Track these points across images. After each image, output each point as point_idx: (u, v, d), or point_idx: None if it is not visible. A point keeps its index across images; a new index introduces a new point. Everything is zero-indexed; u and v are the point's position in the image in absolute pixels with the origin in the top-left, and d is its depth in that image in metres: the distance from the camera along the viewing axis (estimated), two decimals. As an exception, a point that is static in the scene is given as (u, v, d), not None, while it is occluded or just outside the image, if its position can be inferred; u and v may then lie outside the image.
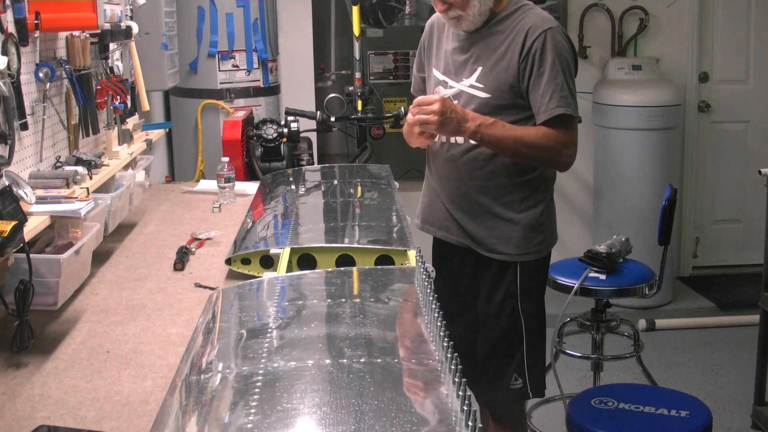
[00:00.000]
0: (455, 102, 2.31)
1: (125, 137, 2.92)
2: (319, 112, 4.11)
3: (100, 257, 2.50)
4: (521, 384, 2.44)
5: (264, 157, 3.88)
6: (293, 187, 3.29)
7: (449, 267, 2.52)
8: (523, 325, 2.43)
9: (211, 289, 2.24)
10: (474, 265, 2.47)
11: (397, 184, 3.22)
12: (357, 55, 4.48)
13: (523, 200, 2.38)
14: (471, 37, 2.36)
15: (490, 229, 2.40)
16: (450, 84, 2.39)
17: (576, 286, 3.19)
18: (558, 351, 3.46)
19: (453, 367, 1.33)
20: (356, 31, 4.42)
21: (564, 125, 2.27)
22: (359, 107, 4.31)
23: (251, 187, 3.38)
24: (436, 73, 2.45)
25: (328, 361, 1.48)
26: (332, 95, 4.27)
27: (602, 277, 3.22)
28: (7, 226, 1.72)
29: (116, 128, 2.84)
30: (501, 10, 2.34)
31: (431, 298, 1.63)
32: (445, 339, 1.43)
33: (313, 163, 4.19)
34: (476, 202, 2.40)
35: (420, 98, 2.26)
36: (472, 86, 2.34)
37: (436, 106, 2.19)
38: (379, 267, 2.23)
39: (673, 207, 3.22)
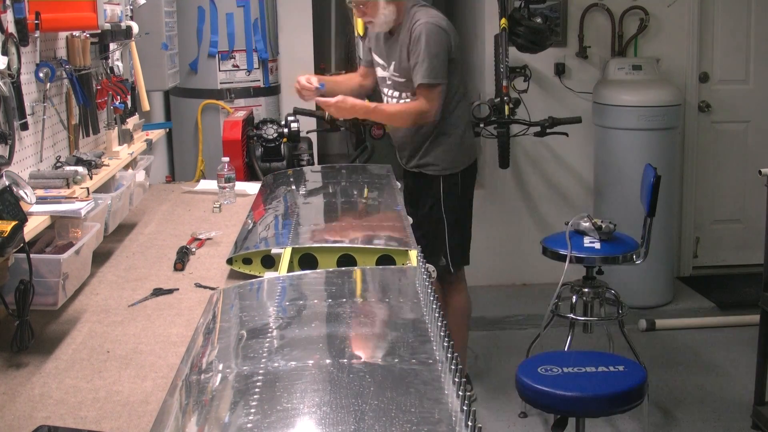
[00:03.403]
0: (389, 83, 3.46)
1: (125, 137, 2.92)
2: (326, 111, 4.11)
3: (100, 257, 2.50)
4: (445, 263, 3.51)
5: (264, 157, 3.88)
6: (294, 187, 3.29)
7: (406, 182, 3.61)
8: (445, 221, 3.49)
9: (212, 289, 2.24)
10: (416, 178, 3.58)
11: (398, 183, 3.22)
12: (361, 54, 4.47)
13: (442, 137, 3.46)
14: (387, 40, 3.42)
15: (425, 156, 3.51)
16: (380, 72, 3.53)
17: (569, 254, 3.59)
18: (553, 314, 3.75)
19: (453, 367, 1.33)
20: (360, 30, 4.42)
21: (426, 93, 3.29)
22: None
23: (251, 187, 3.38)
24: (376, 58, 3.53)
25: (328, 361, 1.48)
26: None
27: (597, 246, 3.61)
28: (7, 226, 1.72)
29: (116, 128, 2.84)
30: (403, 19, 3.33)
31: (431, 298, 1.63)
32: (446, 339, 1.43)
33: (313, 163, 4.19)
34: (412, 144, 3.53)
35: (319, 100, 3.38)
36: (393, 75, 3.43)
37: (331, 109, 3.33)
38: (380, 267, 2.23)
39: (659, 182, 3.61)
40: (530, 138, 4.78)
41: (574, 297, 3.69)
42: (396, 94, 3.45)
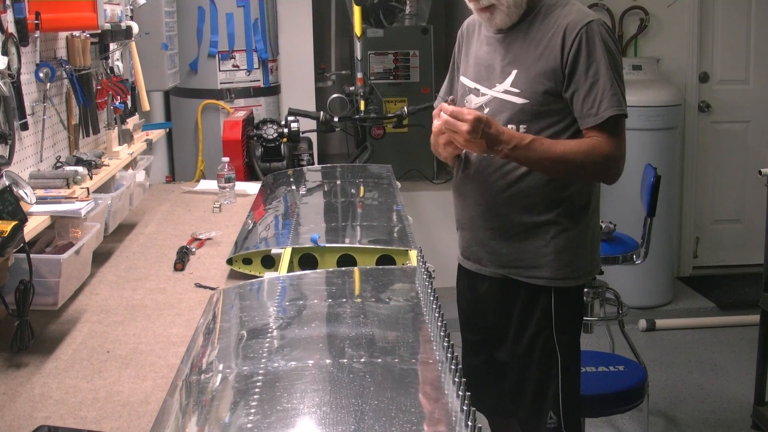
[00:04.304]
0: (486, 111, 2.15)
1: (125, 137, 2.92)
2: (321, 112, 4.12)
3: (100, 257, 2.50)
4: (556, 422, 2.26)
5: (264, 157, 3.88)
6: (294, 187, 3.29)
7: (475, 294, 2.37)
8: (559, 359, 2.25)
9: (212, 289, 2.24)
10: (502, 291, 2.29)
11: (398, 183, 3.22)
12: (359, 55, 4.48)
13: (559, 219, 2.18)
14: (505, 39, 2.17)
15: (522, 250, 2.21)
16: (482, 91, 2.19)
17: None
18: None
19: (453, 367, 1.33)
20: (358, 31, 4.42)
21: (612, 130, 2.08)
22: (362, 107, 4.32)
23: (251, 187, 3.38)
24: (466, 81, 2.25)
25: (328, 361, 1.48)
26: (335, 95, 4.27)
27: None
28: (7, 226, 1.72)
29: (116, 128, 2.84)
30: (537, 7, 2.14)
31: (432, 298, 1.63)
32: (446, 339, 1.43)
33: (313, 163, 4.20)
34: (508, 220, 2.21)
35: (451, 109, 2.04)
36: (506, 91, 2.14)
37: (465, 127, 1.99)
38: (380, 267, 2.23)
39: (659, 182, 3.51)
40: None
41: (574, 297, 3.70)
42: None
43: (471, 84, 2.24)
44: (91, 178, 2.36)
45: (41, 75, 2.27)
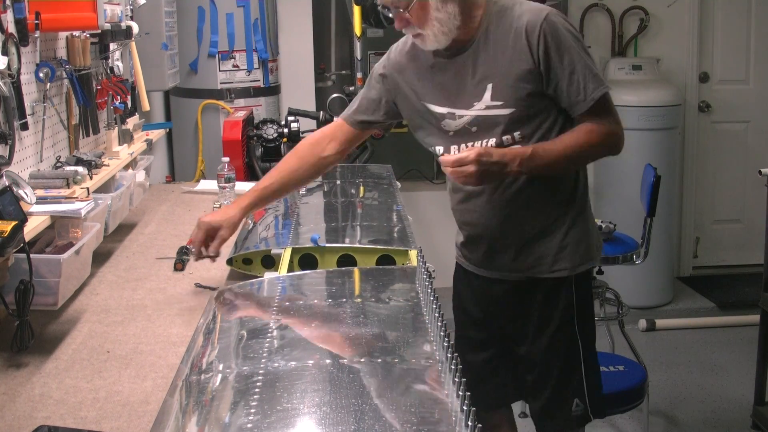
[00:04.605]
0: (473, 130, 2.13)
1: (125, 137, 2.92)
2: (321, 112, 4.12)
3: (100, 257, 2.50)
4: (582, 408, 2.27)
5: (264, 157, 3.88)
6: (293, 187, 3.28)
7: (489, 296, 2.33)
8: (580, 347, 2.26)
9: (212, 289, 2.24)
10: (520, 292, 2.27)
11: (398, 183, 3.23)
12: (358, 55, 4.48)
13: (565, 214, 2.23)
14: (460, 59, 2.13)
15: (538, 253, 2.22)
16: (458, 114, 2.15)
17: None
18: None
19: (453, 367, 1.33)
20: (357, 31, 4.42)
21: (602, 108, 2.10)
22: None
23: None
24: (433, 108, 2.18)
25: (328, 361, 1.48)
26: (335, 95, 4.27)
27: None
28: (7, 226, 1.72)
29: (116, 128, 2.85)
30: (484, 24, 2.10)
31: (432, 298, 1.63)
32: (446, 339, 1.43)
33: (313, 163, 4.19)
34: (521, 229, 2.21)
35: (452, 158, 2.00)
36: (489, 107, 2.10)
37: (472, 168, 1.98)
38: (380, 267, 2.23)
39: (659, 182, 3.49)
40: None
41: (575, 297, 3.69)
42: (483, 143, 2.12)
43: (441, 110, 2.18)
44: (91, 178, 2.36)
45: (41, 75, 2.27)
